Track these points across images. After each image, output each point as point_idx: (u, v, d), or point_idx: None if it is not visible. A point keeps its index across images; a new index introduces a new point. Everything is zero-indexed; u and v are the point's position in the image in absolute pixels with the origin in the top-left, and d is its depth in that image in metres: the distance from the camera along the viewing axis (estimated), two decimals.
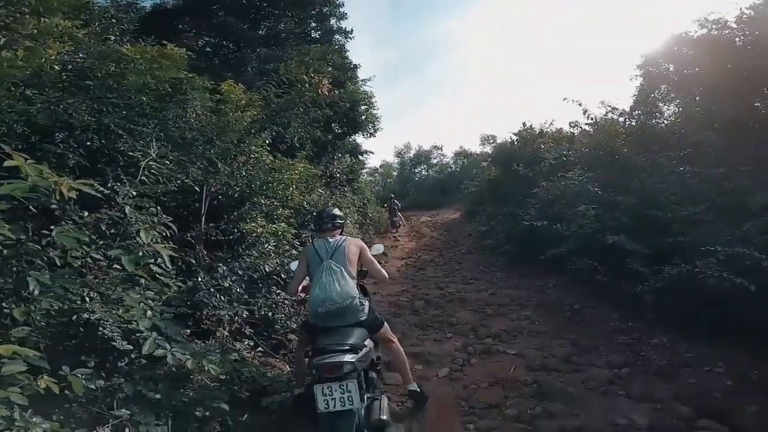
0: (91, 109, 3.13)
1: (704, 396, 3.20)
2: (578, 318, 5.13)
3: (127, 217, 2.39)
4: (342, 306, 2.68)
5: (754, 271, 3.57)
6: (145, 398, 2.13)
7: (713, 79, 5.66)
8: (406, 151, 33.85)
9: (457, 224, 16.22)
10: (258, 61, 7.89)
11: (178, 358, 2.12)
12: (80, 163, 2.99)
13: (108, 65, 3.30)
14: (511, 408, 3.26)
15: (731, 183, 4.45)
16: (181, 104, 3.83)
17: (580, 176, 6.82)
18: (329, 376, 2.34)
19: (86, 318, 2.11)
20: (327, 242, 2.97)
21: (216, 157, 3.90)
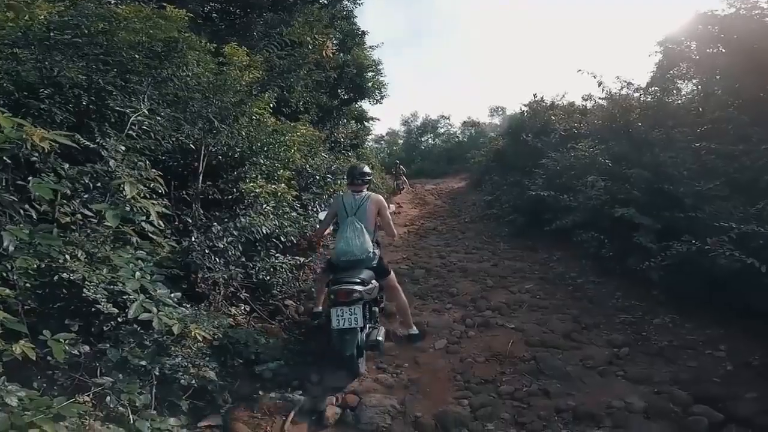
0: (80, 67, 3.04)
1: (703, 381, 3.14)
2: (581, 293, 5.05)
3: (113, 170, 2.27)
4: (360, 258, 3.40)
5: (764, 252, 3.44)
6: (130, 365, 2.07)
7: (738, 59, 5.44)
8: (413, 120, 33.39)
9: (462, 193, 16.07)
10: (264, 26, 7.65)
11: (164, 322, 2.03)
12: (68, 120, 2.90)
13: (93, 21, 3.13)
14: (507, 384, 3.21)
15: (749, 160, 4.28)
16: (177, 63, 3.70)
17: (591, 147, 6.62)
18: (342, 301, 3.08)
19: (68, 278, 2.03)
20: (354, 198, 3.62)
21: (213, 116, 3.76)
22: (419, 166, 27.05)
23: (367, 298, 3.27)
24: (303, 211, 5.46)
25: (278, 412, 2.82)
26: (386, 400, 2.95)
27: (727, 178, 4.41)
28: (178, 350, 2.31)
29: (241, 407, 2.80)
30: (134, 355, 2.08)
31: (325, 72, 6.69)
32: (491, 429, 2.72)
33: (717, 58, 6.02)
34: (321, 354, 3.63)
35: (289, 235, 4.66)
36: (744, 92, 5.36)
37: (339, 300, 3.10)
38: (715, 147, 4.67)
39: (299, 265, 4.76)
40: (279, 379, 3.19)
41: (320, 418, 2.80)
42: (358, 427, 2.74)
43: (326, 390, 3.12)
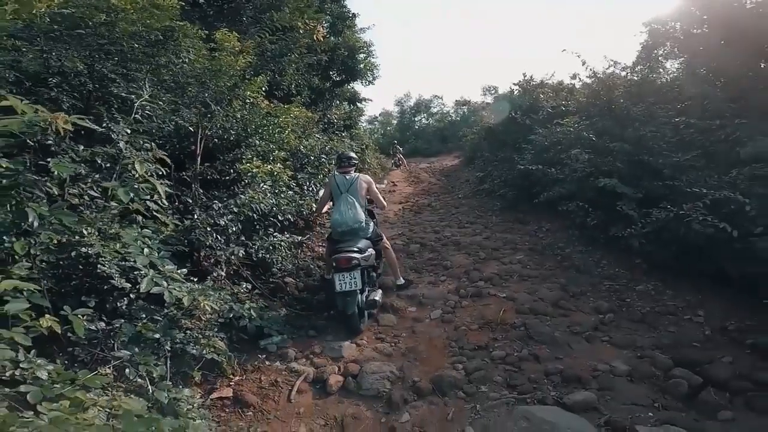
0: (83, 56, 3.14)
1: (683, 345, 3.32)
2: (568, 262, 5.23)
3: (123, 151, 2.37)
4: (353, 227, 3.87)
5: (737, 216, 3.62)
6: (144, 339, 2.19)
7: (719, 38, 5.60)
8: (406, 100, 33.31)
9: (455, 170, 16.16)
10: (254, 11, 7.55)
11: (175, 295, 2.15)
12: (75, 105, 3.00)
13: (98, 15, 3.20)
14: (499, 350, 3.38)
15: (724, 134, 4.44)
16: (173, 50, 3.78)
17: (577, 123, 6.76)
18: (343, 267, 3.54)
19: (84, 253, 2.14)
20: (344, 178, 4.12)
21: (209, 100, 3.85)
22: (413, 145, 27.11)
23: (365, 264, 3.74)
24: (299, 191, 5.55)
25: (284, 383, 2.98)
26: (385, 367, 3.12)
27: (704, 150, 4.59)
28: (188, 323, 2.44)
29: (249, 379, 2.97)
30: (147, 329, 2.20)
31: (316, 55, 6.69)
32: (484, 391, 2.89)
33: (700, 38, 6.14)
34: (322, 328, 3.82)
35: (286, 213, 4.77)
36: (723, 71, 5.51)
37: (340, 266, 3.56)
38: (693, 122, 4.84)
39: (297, 243, 4.88)
40: (283, 351, 3.35)
41: (324, 387, 2.96)
42: (360, 393, 2.90)
43: (329, 360, 3.29)
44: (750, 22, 5.10)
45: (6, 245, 1.75)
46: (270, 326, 3.52)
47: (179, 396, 2.02)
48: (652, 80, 6.68)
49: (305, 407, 2.78)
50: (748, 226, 3.51)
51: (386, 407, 2.78)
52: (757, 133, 4.05)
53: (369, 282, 4.00)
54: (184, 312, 2.39)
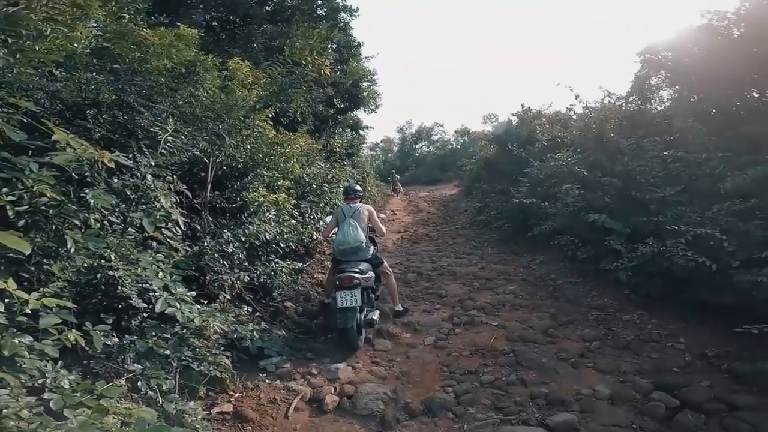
0: (116, 89, 3.43)
1: (663, 370, 3.48)
2: (559, 293, 5.41)
3: (148, 183, 2.62)
4: (354, 246, 4.23)
5: (717, 251, 3.80)
6: (155, 354, 2.37)
7: (708, 69, 5.75)
8: (407, 127, 33.99)
9: (454, 200, 16.43)
10: (264, 37, 7.94)
11: (187, 316, 2.35)
12: (105, 136, 3.25)
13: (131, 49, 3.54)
14: (488, 374, 3.53)
15: (708, 167, 4.63)
16: (193, 84, 4.08)
17: (569, 157, 7.00)
18: (345, 285, 3.84)
19: (110, 275, 2.35)
20: (350, 207, 4.57)
21: (223, 132, 4.12)
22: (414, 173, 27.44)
23: (365, 284, 4.07)
24: (301, 219, 5.77)
25: (282, 400, 3.12)
26: (380, 388, 3.26)
27: (689, 184, 4.78)
28: (197, 341, 2.62)
29: (249, 396, 3.11)
30: (159, 346, 2.38)
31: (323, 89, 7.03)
32: (472, 412, 3.02)
33: (690, 68, 6.29)
34: (320, 351, 3.97)
35: (288, 241, 4.97)
36: (712, 102, 5.71)
37: (342, 285, 3.87)
38: (680, 155, 5.02)
39: (297, 270, 5.05)
40: (281, 371, 3.50)
41: (320, 405, 3.09)
42: (355, 413, 3.04)
43: (325, 381, 3.43)
44: (736, 52, 5.29)
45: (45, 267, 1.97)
46: (270, 347, 3.68)
47: (185, 408, 2.18)
48: (644, 112, 6.87)
49: (302, 424, 2.91)
50: (727, 260, 3.70)
51: (379, 426, 2.91)
52: (737, 168, 4.23)
53: (368, 303, 4.29)
54: (192, 331, 2.57)
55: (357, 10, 11.27)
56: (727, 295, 3.69)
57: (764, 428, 2.68)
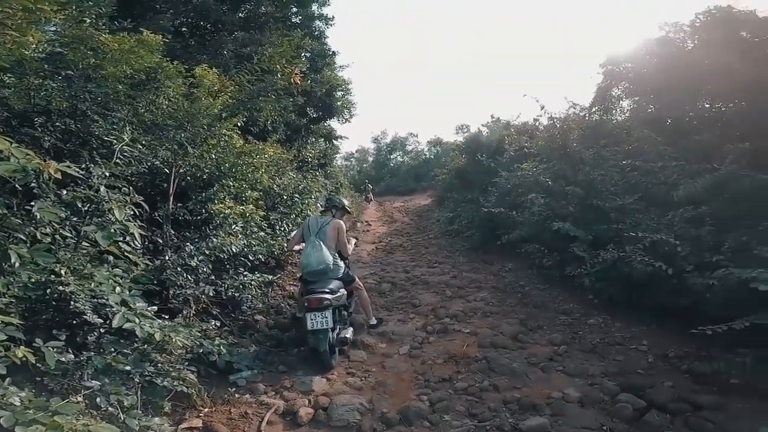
0: (68, 96, 3.26)
1: (629, 372, 3.58)
2: (527, 299, 5.53)
3: (101, 195, 2.51)
4: (317, 269, 3.93)
5: (672, 257, 3.97)
6: (114, 370, 2.26)
7: (664, 79, 6.01)
8: (382, 137, 34.15)
9: (427, 210, 16.59)
10: (235, 44, 7.74)
11: (146, 330, 2.26)
12: (55, 145, 3.10)
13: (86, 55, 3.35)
14: (461, 381, 3.55)
15: (663, 176, 4.83)
16: (155, 91, 3.92)
17: (535, 167, 7.17)
18: (314, 307, 3.64)
19: (60, 291, 2.24)
20: (318, 220, 4.30)
21: (185, 141, 3.99)
22: (388, 183, 27.55)
23: (336, 304, 3.89)
24: (270, 231, 5.66)
25: (254, 414, 3.03)
26: (355, 399, 3.22)
27: (646, 192, 4.98)
28: (159, 357, 2.52)
29: (219, 411, 3.01)
30: (118, 362, 2.27)
31: (293, 98, 6.94)
32: (447, 419, 3.03)
33: (648, 79, 6.57)
34: (293, 363, 3.89)
35: (257, 253, 4.86)
36: (666, 111, 5.99)
37: (312, 306, 3.67)
38: (638, 164, 5.22)
39: (268, 282, 4.94)
40: (253, 386, 3.41)
41: (295, 418, 3.02)
42: (331, 425, 2.98)
43: (299, 394, 3.36)
44: (690, 64, 5.55)
45: None
46: (239, 361, 3.58)
47: (150, 424, 2.09)
48: (605, 122, 7.10)
49: None
50: (682, 264, 3.87)
51: None
52: (689, 176, 4.43)
53: (340, 320, 4.12)
54: (155, 347, 2.47)
55: (333, 18, 11.24)
56: (683, 298, 3.85)
57: (728, 427, 2.77)
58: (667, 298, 4.02)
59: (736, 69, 4.80)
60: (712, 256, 3.68)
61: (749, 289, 3.02)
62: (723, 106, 5.61)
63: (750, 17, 5.36)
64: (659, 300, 4.13)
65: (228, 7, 8.56)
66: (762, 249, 3.33)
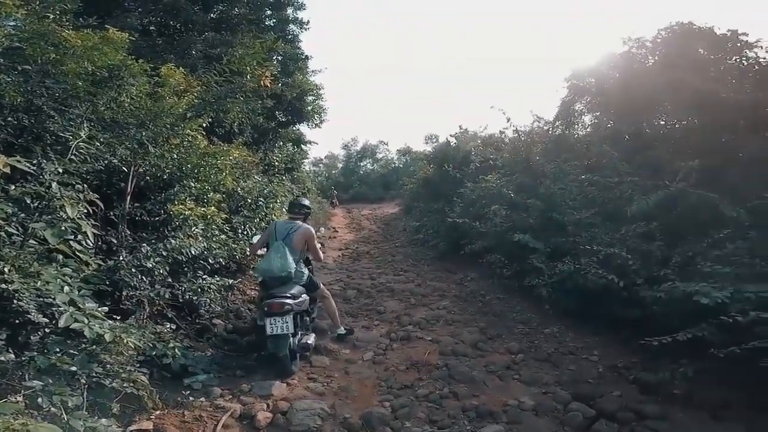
0: (24, 91, 3.10)
1: (580, 381, 3.69)
2: (488, 308, 5.65)
3: (53, 192, 2.40)
4: (278, 276, 3.79)
5: (624, 270, 4.15)
6: (59, 371, 2.15)
7: (625, 95, 6.13)
8: (353, 144, 34.04)
9: (395, 219, 16.69)
10: (204, 45, 7.57)
11: (96, 331, 2.16)
12: (6, 140, 2.95)
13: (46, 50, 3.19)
14: (423, 388, 3.58)
15: (619, 191, 5.01)
16: (116, 89, 3.78)
17: (499, 179, 7.34)
18: (275, 312, 3.53)
19: (2, 289, 2.12)
20: (286, 224, 4.18)
21: (146, 140, 3.87)
22: (357, 191, 27.51)
23: (297, 309, 3.75)
24: (233, 234, 5.53)
25: (209, 418, 2.94)
26: (316, 404, 3.17)
27: (602, 207, 5.18)
28: (108, 357, 2.41)
29: (172, 413, 2.91)
30: (63, 362, 2.16)
31: (262, 101, 6.84)
32: (408, 426, 3.04)
33: (609, 94, 6.69)
34: (251, 368, 3.81)
35: (217, 257, 4.75)
36: (624, 127, 6.15)
37: (272, 311, 3.56)
38: (596, 179, 5.39)
39: (228, 287, 4.83)
40: (208, 389, 3.31)
41: (252, 422, 2.93)
42: (290, 429, 2.91)
43: (257, 398, 3.27)
44: (650, 80, 5.66)
45: None
46: (195, 365, 3.48)
47: (96, 425, 1.99)
48: (567, 136, 7.29)
49: None
50: (633, 277, 4.06)
51: None
52: (642, 192, 4.59)
53: (302, 326, 4.02)
54: (104, 347, 2.36)
55: (308, 23, 11.21)
56: (634, 310, 4.00)
57: None
58: (619, 310, 4.17)
59: (690, 85, 4.91)
60: (661, 270, 3.87)
61: (692, 302, 3.17)
62: (677, 123, 5.80)
63: (707, 34, 5.46)
64: (611, 311, 4.28)
65: (200, 7, 8.40)
66: (705, 264, 3.51)
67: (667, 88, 5.35)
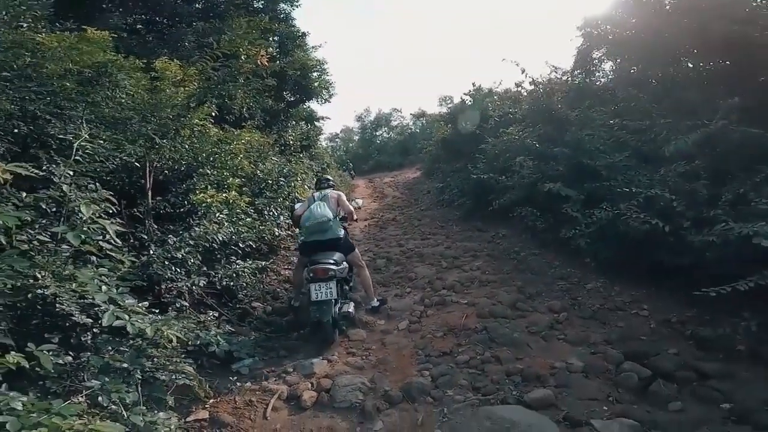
0: (12, 98, 3.05)
1: (631, 339, 3.53)
2: (523, 265, 5.51)
3: (67, 194, 2.39)
4: (320, 221, 4.07)
5: (668, 213, 3.92)
6: (113, 369, 2.20)
7: (645, 41, 5.96)
8: (366, 115, 33.40)
9: (417, 183, 16.47)
10: (195, 35, 7.46)
11: (137, 327, 2.18)
12: (11, 150, 2.93)
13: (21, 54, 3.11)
14: (462, 354, 3.51)
15: (653, 132, 4.78)
16: (110, 86, 3.72)
17: (521, 131, 7.09)
18: (319, 277, 3.66)
19: (40, 294, 2.15)
20: (320, 193, 4.55)
21: (153, 133, 3.83)
22: (376, 160, 27.33)
23: (339, 275, 3.92)
24: (258, 216, 5.55)
25: (259, 402, 3.01)
26: (357, 379, 3.20)
27: (635, 149, 4.94)
28: (155, 351, 2.46)
29: (224, 400, 2.99)
30: (115, 360, 2.21)
31: (262, 80, 6.74)
32: (450, 394, 3.00)
33: (630, 40, 6.48)
34: (293, 347, 3.86)
35: (246, 240, 4.77)
36: (649, 72, 5.94)
37: (317, 277, 3.69)
38: (626, 123, 5.18)
39: (261, 269, 4.88)
40: (255, 373, 3.39)
41: (299, 403, 2.99)
42: (334, 406, 2.95)
43: (301, 378, 3.33)
44: (670, 24, 5.49)
45: None
46: (240, 350, 3.54)
47: (155, 419, 2.05)
48: (588, 84, 7.05)
49: (281, 423, 2.81)
50: (678, 220, 3.82)
51: (360, 417, 2.84)
52: (678, 132, 4.39)
53: (342, 294, 4.15)
54: (149, 342, 2.41)
55: (298, 0, 10.89)
56: (683, 257, 3.78)
57: (736, 396, 2.70)
58: (667, 258, 3.96)
59: (715, 30, 4.71)
60: (710, 211, 3.63)
61: (752, 246, 2.93)
62: (706, 65, 5.59)
63: None
64: (658, 260, 4.07)
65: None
66: (761, 201, 3.25)
67: (689, 32, 5.18)
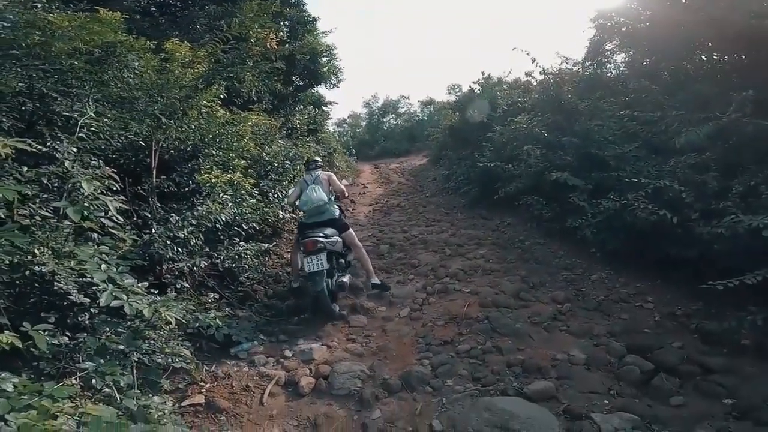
0: (20, 76, 3.02)
1: (634, 331, 3.47)
2: (528, 255, 5.44)
3: (69, 170, 2.36)
4: (317, 205, 4.39)
5: (676, 204, 3.85)
6: (109, 350, 2.19)
7: (658, 33, 5.90)
8: (374, 101, 33.33)
9: (423, 169, 16.38)
10: (208, 18, 7.44)
11: (135, 307, 2.16)
12: (16, 126, 2.90)
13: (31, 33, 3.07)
14: (463, 344, 3.46)
15: (663, 124, 4.70)
16: (119, 66, 3.69)
17: (529, 120, 7.02)
18: (310, 250, 3.89)
19: (38, 271, 2.13)
20: (311, 175, 4.77)
21: (160, 113, 3.81)
22: (383, 146, 27.31)
23: (330, 248, 4.12)
24: (262, 198, 5.53)
25: (256, 387, 3.00)
26: (356, 366, 3.18)
27: (645, 141, 4.87)
28: (152, 333, 2.45)
29: (221, 385, 2.98)
30: (111, 341, 2.20)
31: (272, 63, 6.71)
32: (450, 384, 2.96)
33: (644, 32, 6.41)
34: (293, 332, 3.85)
35: (250, 221, 4.76)
36: (662, 64, 5.87)
37: (308, 249, 3.92)
38: (636, 114, 5.12)
39: (264, 251, 4.86)
40: (253, 357, 3.37)
41: (296, 389, 2.98)
42: (332, 393, 2.94)
43: (300, 363, 3.32)
44: (685, 16, 5.40)
45: None
46: (238, 333, 3.53)
47: (149, 403, 2.04)
48: (600, 75, 6.99)
49: (278, 409, 2.81)
50: (686, 211, 3.75)
51: (358, 405, 2.83)
52: (690, 124, 4.30)
53: (338, 268, 4.39)
54: (147, 323, 2.39)
55: None
56: (690, 249, 3.72)
57: (739, 392, 2.65)
58: (674, 249, 3.89)
59: (732, 23, 4.62)
60: (719, 203, 3.56)
61: (761, 239, 2.87)
62: (720, 58, 5.51)
63: None
64: (665, 252, 4.00)
65: None
66: None
67: (705, 25, 5.10)
